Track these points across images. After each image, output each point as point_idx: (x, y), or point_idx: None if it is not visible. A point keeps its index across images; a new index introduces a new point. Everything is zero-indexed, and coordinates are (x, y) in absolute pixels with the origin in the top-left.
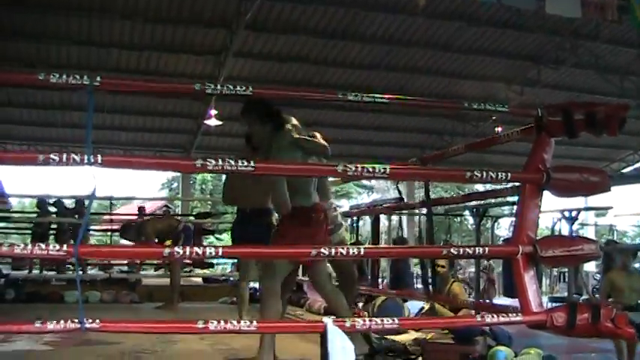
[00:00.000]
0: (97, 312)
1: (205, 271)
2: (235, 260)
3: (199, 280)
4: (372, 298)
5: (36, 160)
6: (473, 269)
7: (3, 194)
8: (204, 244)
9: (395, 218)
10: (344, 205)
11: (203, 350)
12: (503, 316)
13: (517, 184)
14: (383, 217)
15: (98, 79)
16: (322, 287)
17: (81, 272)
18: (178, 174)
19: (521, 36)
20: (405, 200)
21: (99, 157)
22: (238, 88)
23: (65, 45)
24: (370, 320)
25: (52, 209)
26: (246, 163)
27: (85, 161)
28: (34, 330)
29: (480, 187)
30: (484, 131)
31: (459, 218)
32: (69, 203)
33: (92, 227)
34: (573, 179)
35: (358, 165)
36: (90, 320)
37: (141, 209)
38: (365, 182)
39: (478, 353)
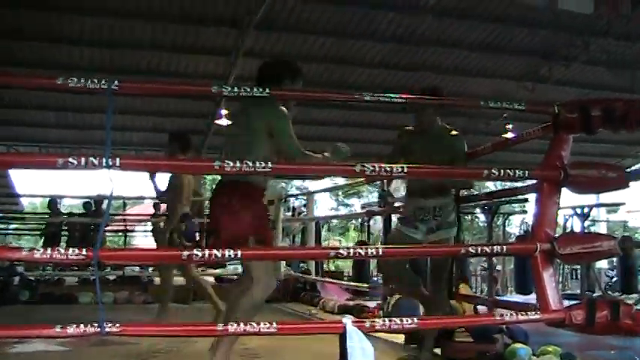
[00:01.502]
0: (111, 313)
1: (217, 270)
2: None
3: (212, 279)
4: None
5: (55, 163)
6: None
7: (15, 195)
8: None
9: None
10: (354, 203)
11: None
12: (522, 315)
13: (531, 181)
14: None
15: (116, 82)
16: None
17: (91, 273)
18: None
19: (532, 33)
20: None
21: (117, 160)
22: (255, 90)
23: (77, 46)
24: (390, 320)
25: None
26: (263, 164)
27: (104, 164)
28: (54, 334)
29: (491, 186)
30: (494, 129)
31: (469, 216)
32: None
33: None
34: (591, 176)
35: (375, 164)
36: (110, 324)
37: (155, 207)
38: (378, 182)
39: (496, 351)
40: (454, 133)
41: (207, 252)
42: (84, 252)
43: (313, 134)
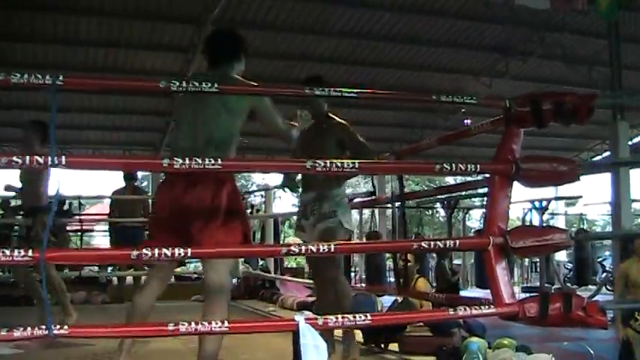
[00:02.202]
0: None
1: (177, 269)
2: None
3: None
4: None
5: None
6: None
7: None
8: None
9: (367, 212)
10: None
11: (176, 349)
12: (476, 309)
13: (488, 175)
14: (354, 212)
15: (61, 78)
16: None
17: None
18: (148, 172)
19: (489, 28)
20: (377, 194)
21: (63, 159)
22: (204, 85)
23: (30, 43)
24: (343, 317)
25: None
26: (213, 161)
27: (49, 163)
28: (0, 337)
29: (450, 180)
30: (454, 124)
31: (430, 211)
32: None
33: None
34: (543, 169)
35: (327, 161)
36: (58, 326)
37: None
38: None
39: (453, 345)
40: (339, 121)
41: (156, 250)
42: (30, 253)
43: (259, 129)
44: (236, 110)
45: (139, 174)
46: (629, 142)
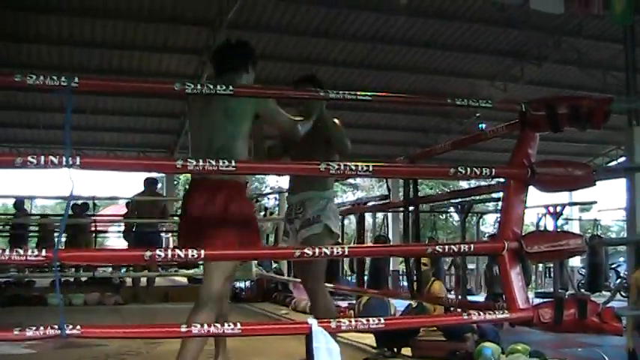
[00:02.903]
0: (81, 315)
1: (190, 271)
2: None
3: (184, 280)
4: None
5: (13, 162)
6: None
7: None
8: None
9: (380, 216)
10: None
11: None
12: (490, 314)
13: (503, 180)
14: (368, 216)
15: (76, 79)
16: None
17: (62, 274)
18: (163, 175)
19: (504, 32)
20: (391, 198)
21: (77, 159)
22: (218, 87)
23: (45, 45)
24: (357, 321)
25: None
26: (227, 163)
27: (64, 163)
28: (12, 337)
29: (464, 185)
30: (468, 128)
31: (444, 215)
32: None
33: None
34: (558, 174)
35: (341, 163)
36: (70, 326)
37: (128, 206)
38: (350, 180)
39: (466, 350)
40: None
41: (169, 252)
42: (43, 253)
43: (276, 131)
44: (237, 115)
45: (154, 176)
46: None
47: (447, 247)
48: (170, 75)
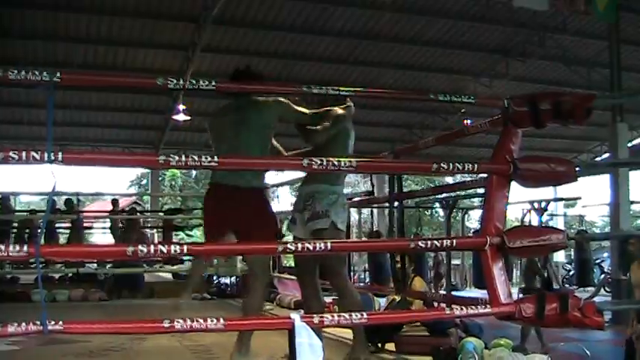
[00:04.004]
0: (64, 311)
1: (175, 267)
2: None
3: (169, 276)
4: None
5: None
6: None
7: None
8: (174, 240)
9: (365, 212)
10: None
11: (172, 347)
12: (472, 309)
13: (485, 175)
14: (353, 211)
15: (58, 74)
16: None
17: (46, 270)
18: (148, 170)
19: (490, 29)
20: (376, 194)
21: (59, 155)
22: (202, 82)
23: (30, 40)
24: (339, 316)
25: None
26: (209, 159)
27: (45, 159)
28: None
29: (450, 181)
30: (453, 125)
31: (429, 211)
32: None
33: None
34: (540, 169)
35: (324, 159)
36: (52, 322)
37: (114, 203)
38: None
39: (449, 345)
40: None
41: (152, 247)
42: (25, 249)
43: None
44: (259, 126)
45: (139, 172)
46: (629, 144)
47: (429, 242)
48: (155, 71)
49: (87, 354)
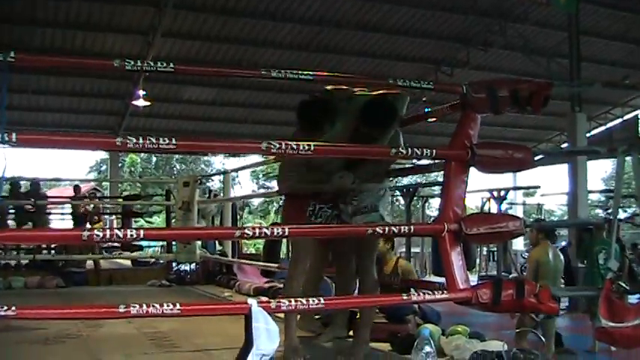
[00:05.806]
0: (20, 298)
1: (134, 253)
2: (164, 242)
3: (128, 262)
4: None
5: None
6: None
7: None
8: (133, 226)
9: None
10: (275, 186)
11: (129, 334)
12: (429, 294)
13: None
14: None
15: (12, 54)
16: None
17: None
18: (107, 156)
19: (451, 18)
20: None
21: (13, 136)
22: (159, 64)
23: None
24: (297, 301)
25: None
26: (167, 141)
27: None
28: None
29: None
30: (414, 112)
31: (390, 199)
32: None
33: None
34: (498, 155)
35: (282, 142)
36: (5, 307)
37: (76, 189)
38: None
39: (407, 332)
40: None
41: (107, 232)
42: None
43: (219, 114)
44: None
45: (99, 158)
46: (587, 135)
47: (387, 228)
48: (115, 55)
49: (42, 341)
